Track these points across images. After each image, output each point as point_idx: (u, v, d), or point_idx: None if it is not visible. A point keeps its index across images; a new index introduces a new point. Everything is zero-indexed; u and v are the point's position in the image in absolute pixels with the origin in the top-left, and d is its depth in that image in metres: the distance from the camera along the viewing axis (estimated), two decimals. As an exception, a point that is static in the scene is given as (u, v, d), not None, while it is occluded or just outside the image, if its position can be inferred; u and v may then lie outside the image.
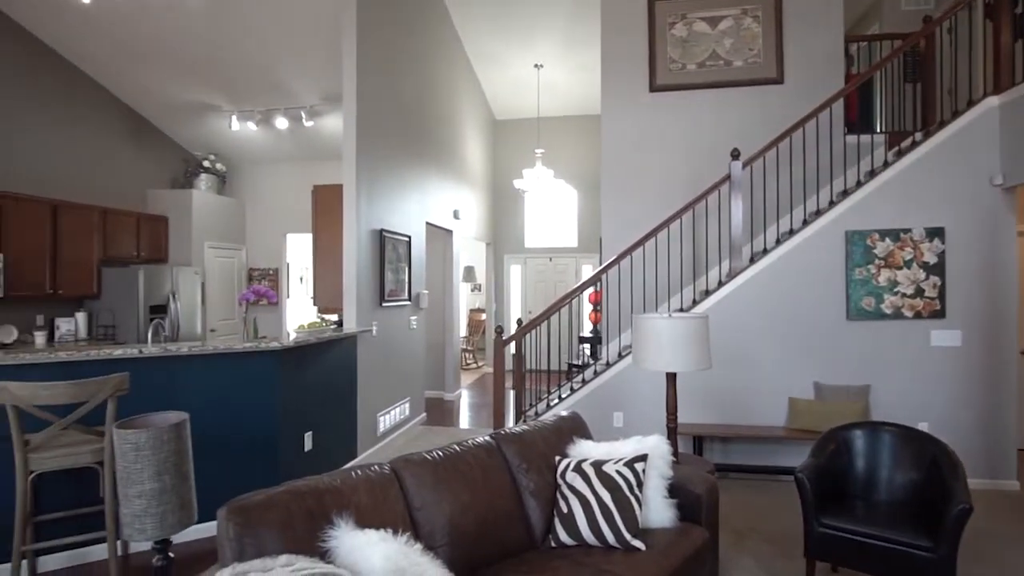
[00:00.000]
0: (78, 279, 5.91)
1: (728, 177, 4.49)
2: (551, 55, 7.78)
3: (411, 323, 5.96)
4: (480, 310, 11.09)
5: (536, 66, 8.02)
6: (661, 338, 2.83)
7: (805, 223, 4.39)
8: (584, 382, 4.68)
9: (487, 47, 7.74)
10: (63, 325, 5.88)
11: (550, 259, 9.82)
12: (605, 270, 4.73)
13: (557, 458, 2.60)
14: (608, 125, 5.46)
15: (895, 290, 4.21)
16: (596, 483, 2.39)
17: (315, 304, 5.27)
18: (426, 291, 6.46)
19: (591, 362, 6.02)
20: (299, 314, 8.53)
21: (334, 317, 5.11)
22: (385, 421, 5.27)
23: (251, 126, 6.98)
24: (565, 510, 2.38)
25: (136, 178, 7.01)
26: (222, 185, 7.88)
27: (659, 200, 5.24)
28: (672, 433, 3.05)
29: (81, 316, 6.04)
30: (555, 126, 9.54)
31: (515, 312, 9.98)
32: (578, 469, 2.47)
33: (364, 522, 1.88)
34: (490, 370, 9.86)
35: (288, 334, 5.01)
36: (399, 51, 5.66)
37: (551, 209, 9.83)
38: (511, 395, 6.00)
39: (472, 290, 11.84)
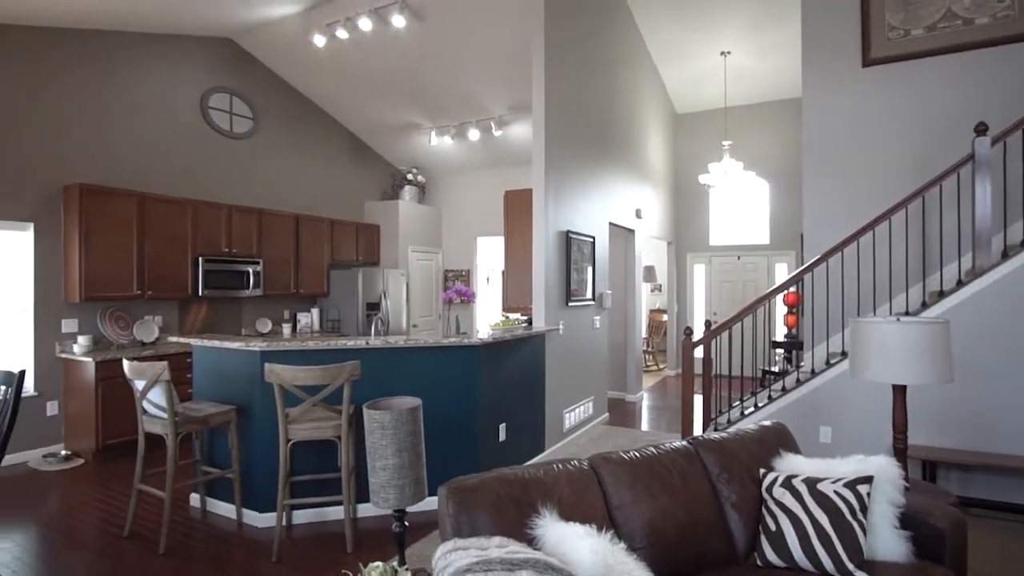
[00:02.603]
0: (313, 280, 7.02)
1: (971, 157, 3.80)
2: (738, 40, 7.29)
3: (594, 323, 6.02)
4: (660, 311, 10.80)
5: (722, 53, 7.57)
6: (888, 346, 2.50)
7: (1085, 209, 3.54)
8: (784, 391, 4.32)
9: (669, 41, 7.51)
10: (302, 319, 7.01)
11: (738, 258, 9.20)
12: (810, 268, 4.30)
13: (762, 471, 2.44)
14: (811, 109, 4.96)
15: None
16: (809, 502, 2.19)
17: (506, 303, 5.59)
18: (609, 291, 6.47)
19: (789, 368, 5.52)
20: (487, 313, 9.12)
21: (518, 315, 5.37)
22: (570, 418, 5.40)
23: (447, 139, 7.65)
24: (773, 527, 2.23)
25: (355, 192, 8.11)
26: (422, 195, 8.75)
27: (873, 190, 4.63)
28: (901, 455, 2.68)
29: (315, 311, 7.15)
30: (743, 115, 8.91)
31: (698, 313, 9.53)
32: (787, 485, 2.29)
33: (566, 515, 1.94)
34: (671, 373, 9.55)
35: (477, 331, 5.41)
36: (583, 56, 5.76)
37: (739, 204, 9.20)
38: (697, 400, 5.74)
39: (652, 290, 11.57)
